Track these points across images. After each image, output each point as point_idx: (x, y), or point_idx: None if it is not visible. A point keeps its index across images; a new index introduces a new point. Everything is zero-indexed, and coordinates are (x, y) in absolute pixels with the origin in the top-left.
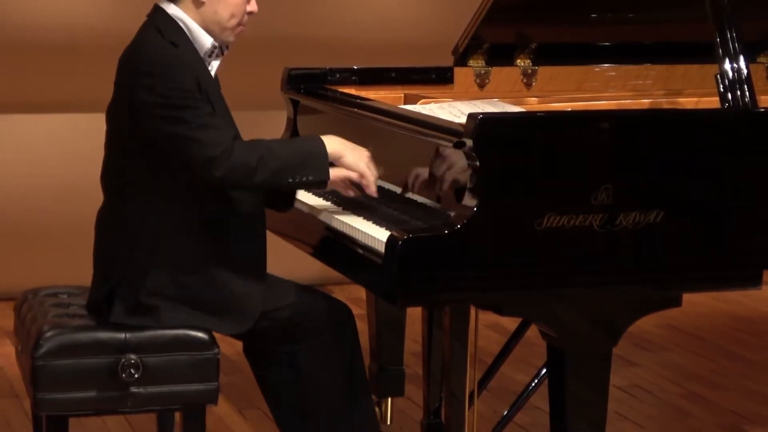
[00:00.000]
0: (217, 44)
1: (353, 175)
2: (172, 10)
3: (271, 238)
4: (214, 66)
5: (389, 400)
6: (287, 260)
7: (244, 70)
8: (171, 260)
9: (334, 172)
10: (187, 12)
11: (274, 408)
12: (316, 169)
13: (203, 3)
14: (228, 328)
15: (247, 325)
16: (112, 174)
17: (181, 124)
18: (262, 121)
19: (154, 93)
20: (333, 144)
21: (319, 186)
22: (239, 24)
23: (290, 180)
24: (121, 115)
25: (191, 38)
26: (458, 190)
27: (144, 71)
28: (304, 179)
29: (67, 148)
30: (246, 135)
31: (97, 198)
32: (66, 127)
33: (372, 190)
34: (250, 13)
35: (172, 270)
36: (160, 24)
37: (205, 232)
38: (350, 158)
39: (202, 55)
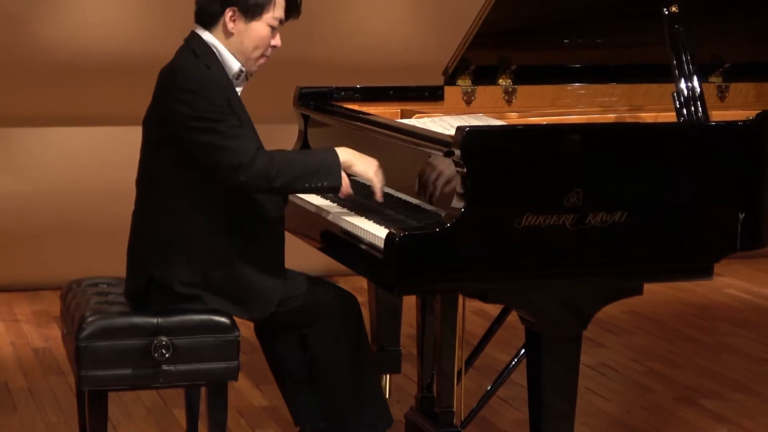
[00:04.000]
0: (243, 69)
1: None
2: (206, 36)
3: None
4: (239, 89)
5: (388, 376)
6: (299, 254)
7: (261, 89)
8: (200, 256)
9: (347, 180)
10: (219, 39)
11: (280, 381)
12: (329, 177)
13: (232, 34)
14: (248, 315)
15: (265, 313)
16: (147, 177)
17: (214, 133)
18: (276, 133)
19: (190, 107)
20: (345, 154)
21: (332, 191)
22: (262, 56)
23: (306, 185)
24: (158, 124)
25: (222, 62)
26: (448, 194)
27: (182, 88)
28: (318, 185)
29: (106, 157)
30: (263, 145)
31: (132, 200)
32: (105, 138)
33: (378, 196)
34: (274, 47)
35: (201, 265)
36: (195, 48)
37: (231, 232)
38: (360, 167)
39: (230, 77)
